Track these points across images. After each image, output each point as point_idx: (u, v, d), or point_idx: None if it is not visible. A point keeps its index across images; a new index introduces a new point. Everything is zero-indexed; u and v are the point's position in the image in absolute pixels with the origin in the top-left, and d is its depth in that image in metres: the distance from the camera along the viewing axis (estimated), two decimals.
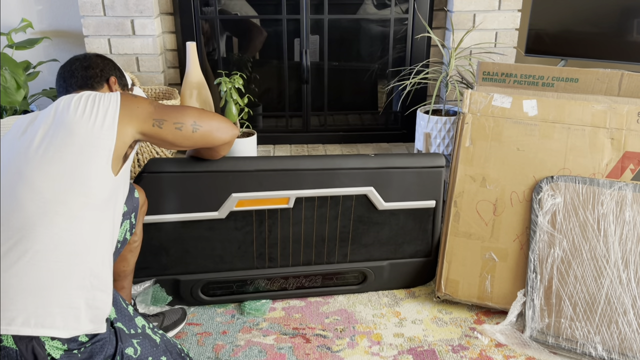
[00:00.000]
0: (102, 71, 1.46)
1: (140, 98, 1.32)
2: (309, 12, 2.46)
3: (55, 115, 1.21)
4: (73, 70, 1.44)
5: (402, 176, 1.77)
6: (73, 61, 1.47)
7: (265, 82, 2.67)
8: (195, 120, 1.38)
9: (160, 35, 2.48)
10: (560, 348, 1.61)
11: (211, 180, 1.67)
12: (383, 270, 1.88)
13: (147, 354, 1.26)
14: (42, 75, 2.65)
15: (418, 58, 2.57)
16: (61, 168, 1.16)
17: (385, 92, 2.71)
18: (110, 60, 1.52)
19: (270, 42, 2.59)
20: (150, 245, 1.71)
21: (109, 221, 1.23)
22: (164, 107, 1.35)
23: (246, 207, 1.71)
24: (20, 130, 1.23)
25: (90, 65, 1.45)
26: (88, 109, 1.22)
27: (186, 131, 1.36)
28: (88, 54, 1.50)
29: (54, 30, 2.64)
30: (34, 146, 1.18)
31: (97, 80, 1.45)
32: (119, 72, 1.53)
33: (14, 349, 1.06)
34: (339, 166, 1.72)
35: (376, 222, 1.82)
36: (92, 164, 1.18)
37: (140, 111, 1.29)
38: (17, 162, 1.17)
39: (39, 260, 1.10)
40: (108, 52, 2.41)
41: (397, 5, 2.52)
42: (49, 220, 1.12)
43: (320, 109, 2.69)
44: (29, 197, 1.13)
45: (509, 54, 2.51)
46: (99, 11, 2.34)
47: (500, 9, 2.43)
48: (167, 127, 1.33)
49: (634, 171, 1.67)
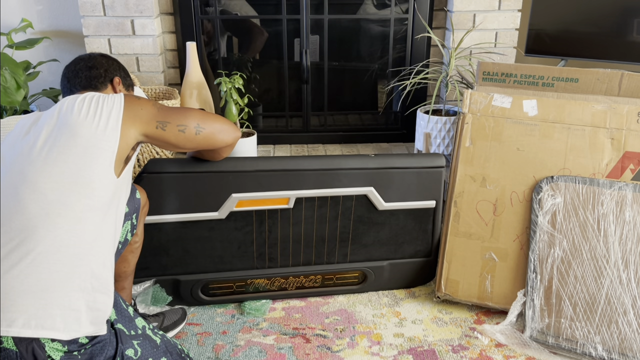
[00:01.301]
0: (106, 71, 1.46)
1: (143, 100, 1.32)
2: (309, 12, 2.46)
3: (59, 116, 1.21)
4: (77, 70, 1.44)
5: (402, 176, 1.77)
6: (77, 61, 1.47)
7: (265, 82, 2.67)
8: (198, 123, 1.38)
9: (160, 35, 2.48)
10: (560, 348, 1.61)
11: (211, 180, 1.67)
12: (383, 271, 1.88)
13: (148, 355, 1.26)
14: (42, 75, 2.65)
15: (418, 58, 2.57)
16: (64, 169, 1.15)
17: (385, 92, 2.71)
18: (115, 60, 1.52)
19: (270, 42, 2.59)
20: (151, 245, 1.71)
21: (110, 223, 1.23)
22: (167, 109, 1.35)
23: (246, 207, 1.71)
24: (23, 130, 1.23)
25: (94, 65, 1.45)
26: (92, 110, 1.22)
27: (189, 133, 1.37)
28: (93, 53, 1.50)
29: (54, 30, 2.64)
30: (38, 147, 1.17)
31: (101, 81, 1.45)
32: (124, 72, 1.52)
33: (14, 350, 1.06)
34: (339, 166, 1.72)
35: (376, 222, 1.82)
36: (95, 166, 1.18)
37: (144, 113, 1.29)
38: (20, 163, 1.17)
39: (41, 262, 1.09)
40: (108, 52, 2.41)
41: (397, 5, 2.52)
42: (51, 222, 1.12)
43: (320, 109, 2.69)
44: (31, 198, 1.12)
45: (509, 54, 2.51)
46: (99, 11, 2.34)
47: (500, 9, 2.43)
48: (170, 129, 1.33)
49: (634, 171, 1.67)
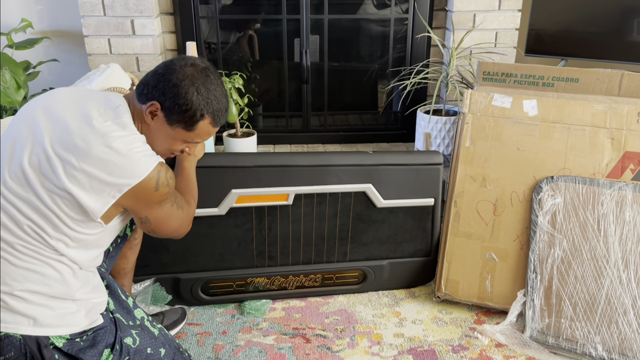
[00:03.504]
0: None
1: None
2: (309, 12, 2.46)
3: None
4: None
5: (400, 173, 1.77)
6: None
7: (265, 82, 2.67)
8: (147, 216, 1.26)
9: (160, 35, 2.48)
10: (560, 348, 1.61)
11: (211, 176, 1.67)
12: (383, 270, 1.88)
13: (146, 345, 1.28)
14: (42, 75, 2.65)
15: (418, 58, 2.57)
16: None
17: (386, 92, 2.71)
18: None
19: (270, 42, 2.59)
20: (151, 242, 1.70)
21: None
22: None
23: (246, 203, 1.71)
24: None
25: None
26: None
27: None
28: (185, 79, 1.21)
29: (54, 30, 2.64)
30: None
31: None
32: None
33: (18, 337, 1.09)
34: (337, 163, 1.72)
35: (375, 220, 1.82)
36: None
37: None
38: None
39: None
40: (108, 52, 2.41)
41: (397, 5, 2.52)
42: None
43: (320, 109, 2.69)
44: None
45: (509, 54, 2.51)
46: (99, 11, 2.34)
47: (500, 9, 2.43)
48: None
49: (634, 171, 1.67)
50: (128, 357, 1.23)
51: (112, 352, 1.20)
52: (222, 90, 1.24)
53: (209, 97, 1.20)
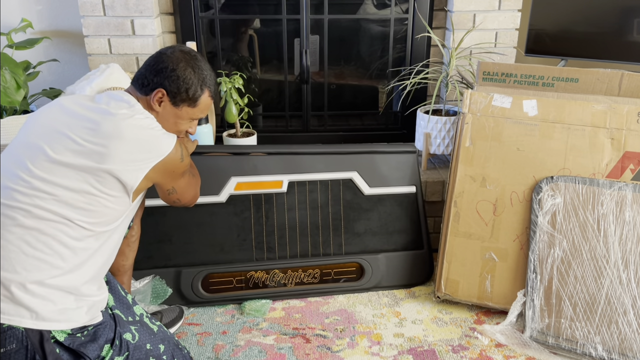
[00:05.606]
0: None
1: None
2: (309, 12, 2.46)
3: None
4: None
5: (380, 161, 1.96)
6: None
7: (265, 82, 2.67)
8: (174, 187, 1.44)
9: (160, 35, 2.48)
10: (560, 348, 1.61)
11: (212, 165, 1.84)
12: (379, 263, 1.91)
13: (145, 341, 1.30)
14: (42, 75, 2.65)
15: (418, 58, 2.57)
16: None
17: (385, 92, 2.71)
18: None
19: (270, 42, 2.58)
20: (156, 232, 1.81)
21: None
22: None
23: (244, 190, 1.85)
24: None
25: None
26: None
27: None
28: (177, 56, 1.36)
29: (54, 30, 2.64)
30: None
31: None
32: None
33: (21, 329, 1.10)
34: (325, 150, 1.95)
35: (365, 208, 1.93)
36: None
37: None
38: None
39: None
40: (108, 52, 2.41)
41: (397, 5, 2.52)
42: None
43: (320, 109, 2.69)
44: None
45: (509, 54, 2.51)
46: (99, 11, 2.34)
47: (500, 9, 2.43)
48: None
49: (634, 171, 1.67)
50: (127, 353, 1.24)
51: (112, 347, 1.21)
52: (208, 65, 1.41)
53: (203, 73, 1.37)
